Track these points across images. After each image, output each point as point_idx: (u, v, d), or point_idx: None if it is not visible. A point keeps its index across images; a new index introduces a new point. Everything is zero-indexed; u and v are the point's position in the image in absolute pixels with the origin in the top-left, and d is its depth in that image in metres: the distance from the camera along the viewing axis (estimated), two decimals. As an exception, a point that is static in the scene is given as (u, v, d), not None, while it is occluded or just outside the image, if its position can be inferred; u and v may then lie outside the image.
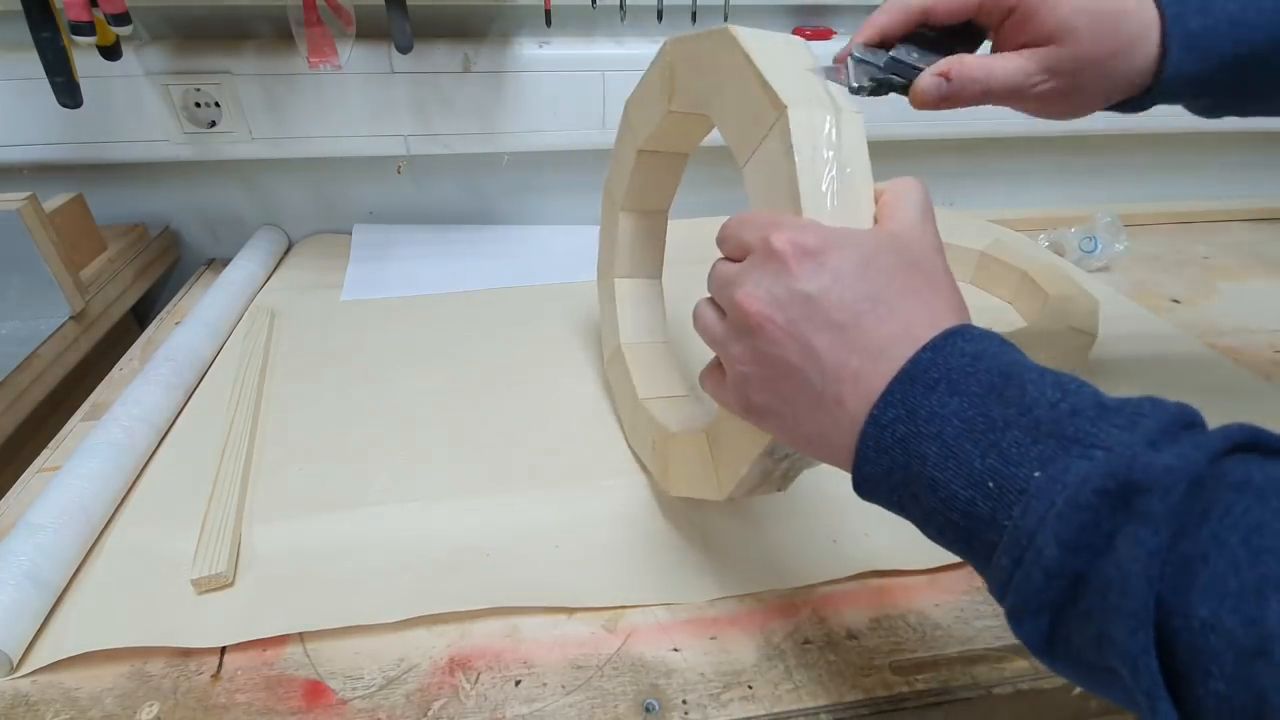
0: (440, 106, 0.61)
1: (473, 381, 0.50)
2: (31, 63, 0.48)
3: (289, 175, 0.67)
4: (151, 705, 0.31)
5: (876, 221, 0.26)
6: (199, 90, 0.58)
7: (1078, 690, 0.32)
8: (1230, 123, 0.40)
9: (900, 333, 0.23)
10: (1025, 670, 0.32)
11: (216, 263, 0.69)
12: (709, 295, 0.28)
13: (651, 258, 0.45)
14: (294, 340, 0.55)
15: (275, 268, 0.66)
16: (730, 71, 0.30)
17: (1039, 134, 0.73)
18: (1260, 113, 0.37)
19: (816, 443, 0.25)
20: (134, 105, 0.57)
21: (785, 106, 0.26)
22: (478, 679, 0.32)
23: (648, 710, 0.30)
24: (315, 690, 0.31)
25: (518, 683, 0.32)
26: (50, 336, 0.50)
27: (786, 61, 0.28)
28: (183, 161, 0.62)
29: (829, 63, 0.33)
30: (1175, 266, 0.71)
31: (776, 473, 0.30)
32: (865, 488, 0.24)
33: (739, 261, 0.26)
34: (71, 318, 0.52)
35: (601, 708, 0.30)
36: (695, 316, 0.29)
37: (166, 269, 0.67)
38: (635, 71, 0.62)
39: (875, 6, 0.35)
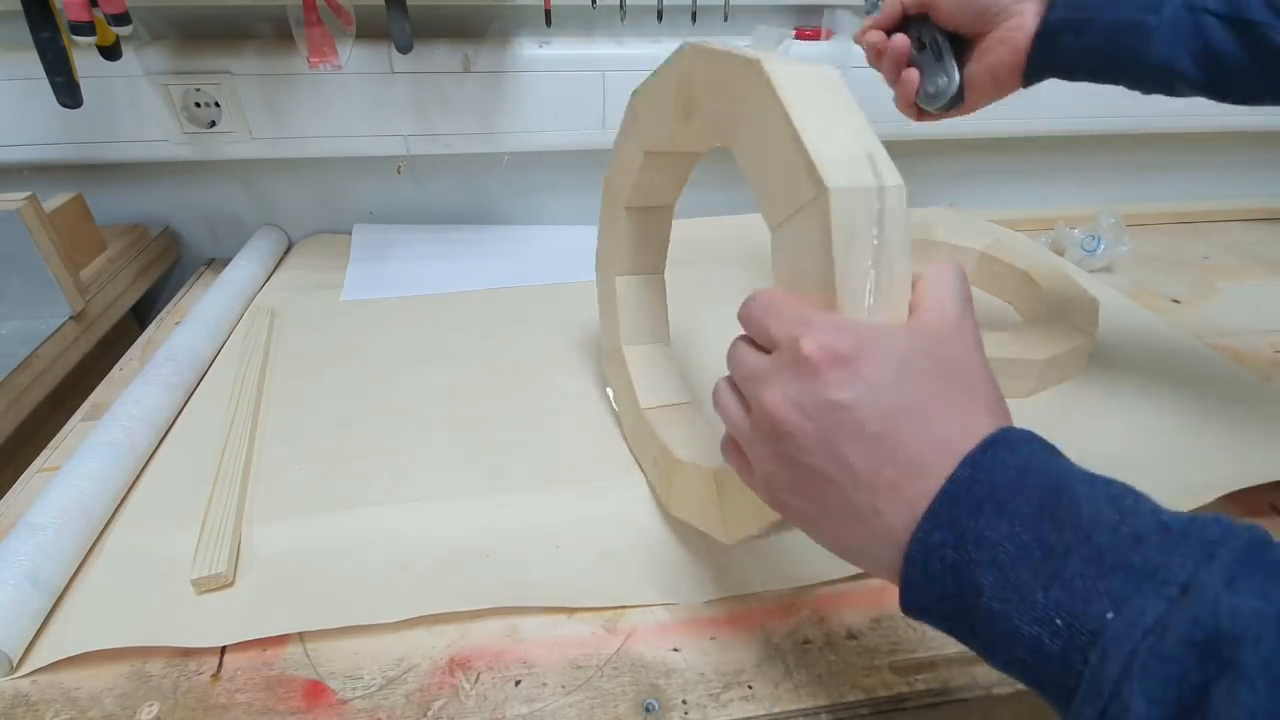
0: (440, 106, 0.61)
1: (473, 381, 0.50)
2: (31, 63, 0.48)
3: (289, 175, 0.67)
4: (151, 705, 0.31)
5: (912, 310, 0.24)
6: (199, 90, 0.58)
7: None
8: (1231, 122, 0.40)
9: (938, 445, 0.22)
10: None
11: (216, 263, 0.69)
12: (728, 377, 0.27)
13: (654, 254, 0.44)
14: (294, 340, 0.55)
15: (275, 268, 0.66)
16: (760, 115, 0.26)
17: (1038, 134, 0.73)
18: (1135, 81, 0.39)
19: (854, 552, 0.24)
20: (134, 105, 0.57)
21: (827, 189, 0.23)
22: (478, 679, 0.32)
23: (648, 710, 0.30)
24: (315, 690, 0.31)
25: (518, 683, 0.32)
26: (50, 336, 0.50)
27: (827, 113, 0.25)
28: (183, 161, 0.62)
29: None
30: (1175, 266, 0.71)
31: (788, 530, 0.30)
32: (915, 612, 0.22)
33: (763, 351, 0.25)
34: (71, 318, 0.52)
35: (601, 708, 0.30)
36: (716, 400, 0.27)
37: (166, 269, 0.67)
38: (635, 71, 0.62)
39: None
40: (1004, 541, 0.20)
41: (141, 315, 0.66)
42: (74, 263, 0.53)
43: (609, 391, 0.46)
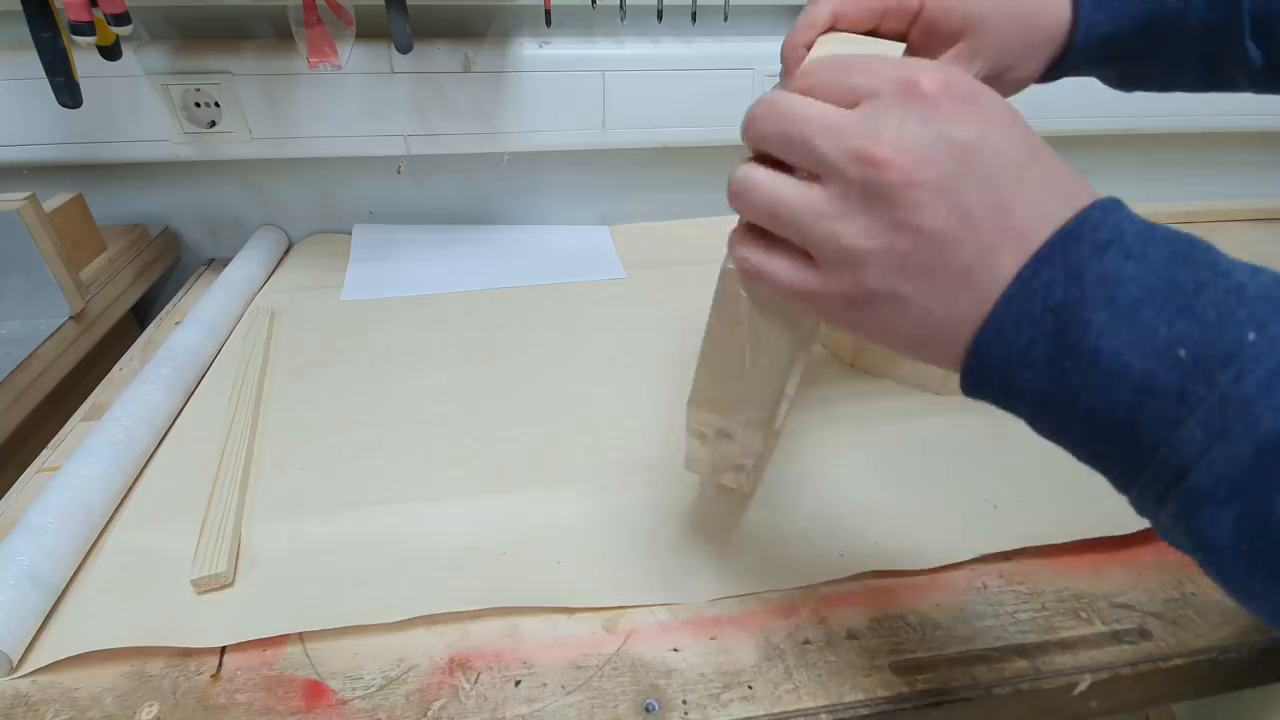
0: (440, 106, 0.61)
1: (473, 382, 0.50)
2: (31, 62, 0.49)
3: (289, 175, 0.67)
4: (151, 705, 0.31)
5: None
6: (199, 90, 0.58)
7: (1078, 691, 0.32)
8: (1231, 121, 0.40)
9: (1062, 190, 0.20)
10: (1025, 670, 0.32)
11: (216, 262, 0.69)
12: (750, 158, 0.23)
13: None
14: (294, 340, 0.55)
15: (275, 268, 0.66)
16: None
17: (1042, 134, 0.73)
18: (1173, 85, 0.37)
19: (932, 332, 0.21)
20: (134, 105, 0.57)
21: None
22: (478, 679, 0.32)
23: (648, 710, 0.30)
24: (315, 690, 0.31)
25: (518, 683, 0.32)
26: (50, 336, 0.50)
27: None
28: (183, 161, 0.62)
29: None
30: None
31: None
32: (983, 369, 0.21)
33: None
34: (71, 318, 0.52)
35: (601, 708, 0.30)
36: (747, 188, 0.22)
37: (166, 269, 0.67)
38: (635, 71, 0.62)
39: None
40: (1128, 282, 0.18)
41: (141, 315, 0.66)
42: (74, 263, 0.53)
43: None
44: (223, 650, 0.33)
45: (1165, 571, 0.37)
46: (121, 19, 0.44)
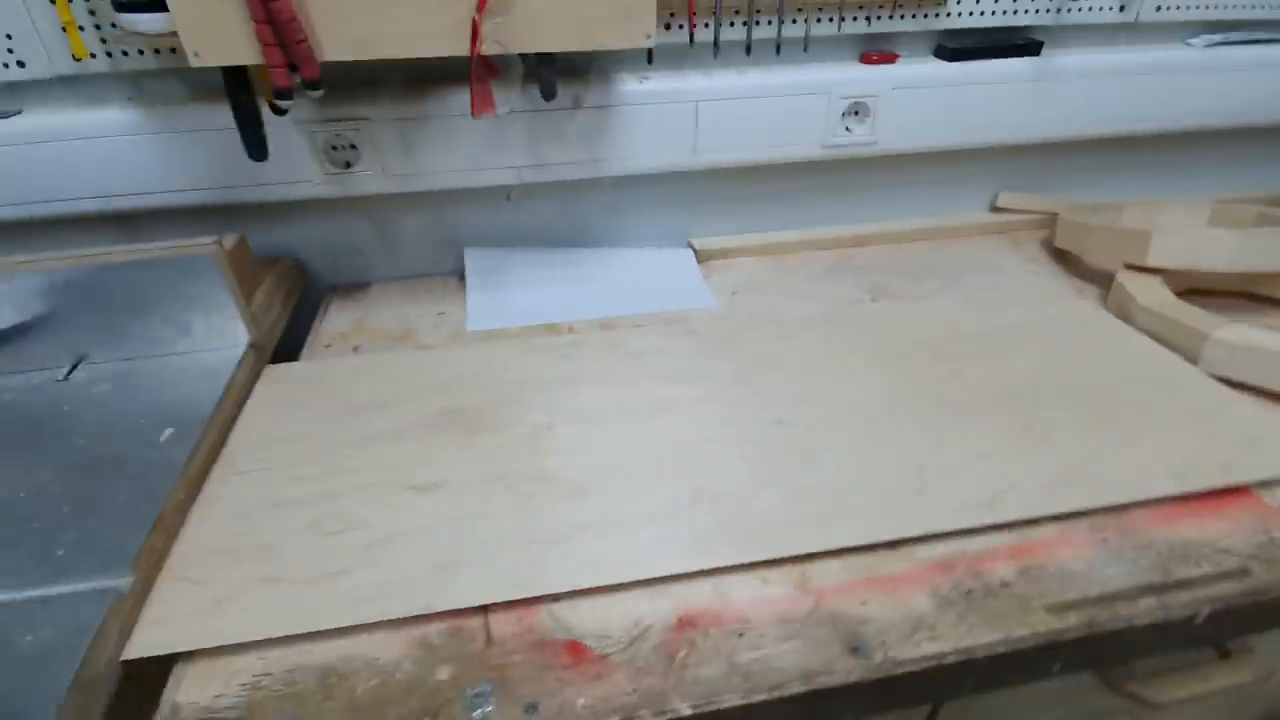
0: (551, 139, 0.68)
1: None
2: (188, 116, 0.54)
3: (408, 208, 0.73)
4: (445, 667, 0.37)
5: None
6: (338, 135, 0.64)
7: (1198, 621, 0.39)
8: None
9: None
10: (1155, 607, 0.39)
11: (340, 289, 0.75)
12: None
13: None
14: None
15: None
16: None
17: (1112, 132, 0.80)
18: None
19: None
20: (284, 151, 0.63)
21: None
22: (707, 633, 0.38)
23: (855, 651, 0.37)
24: (576, 649, 0.37)
25: (740, 635, 0.38)
26: (240, 364, 0.56)
27: None
28: (317, 199, 0.68)
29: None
30: None
31: None
32: None
33: None
34: (251, 345, 0.58)
35: (816, 652, 0.37)
36: None
37: (299, 298, 0.73)
38: (725, 100, 0.69)
39: (937, 30, 0.41)
40: None
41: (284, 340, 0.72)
42: (246, 296, 0.59)
43: None
44: (486, 620, 0.39)
45: (1255, 520, 0.44)
46: (315, 84, 0.49)
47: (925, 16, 0.71)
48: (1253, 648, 0.50)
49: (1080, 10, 0.75)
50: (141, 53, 0.59)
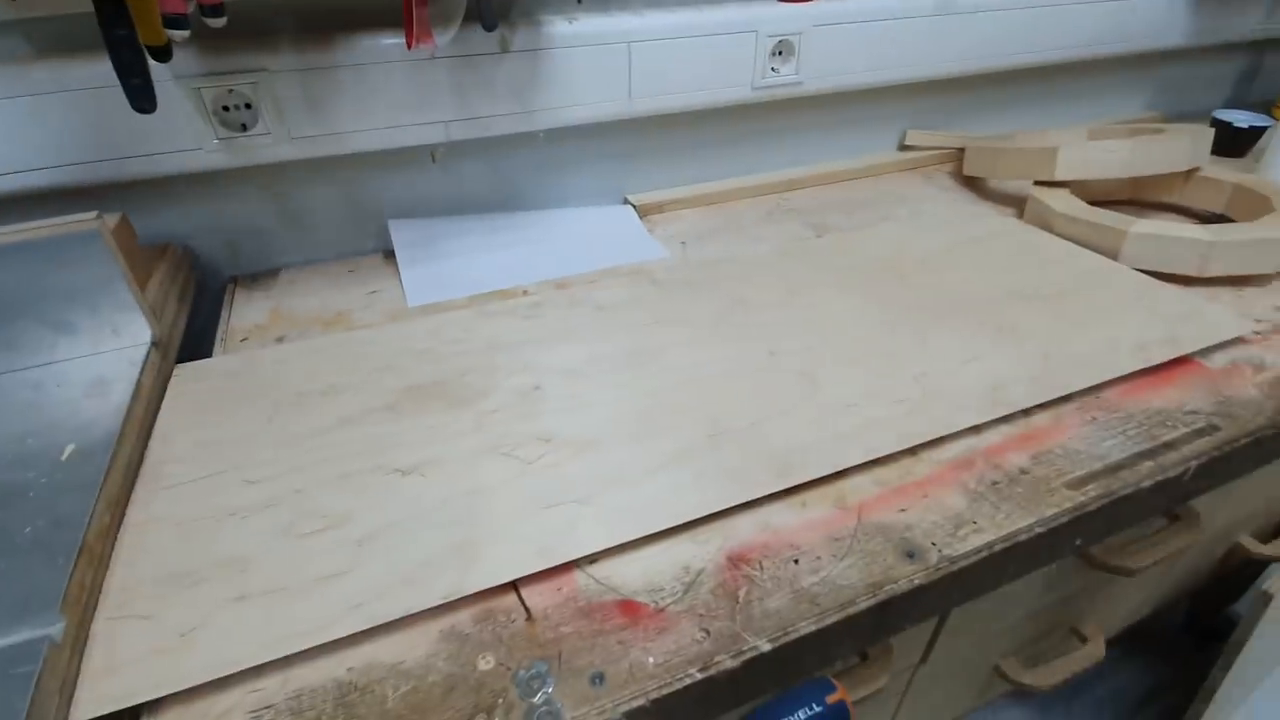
0: (480, 89, 0.62)
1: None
2: (32, 78, 0.44)
3: (318, 176, 0.64)
4: (486, 656, 0.32)
5: None
6: (231, 92, 0.55)
7: (1188, 476, 0.42)
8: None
9: None
10: (1153, 469, 0.42)
11: (243, 279, 0.65)
12: None
13: None
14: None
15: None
16: None
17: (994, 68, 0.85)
18: None
19: None
20: (164, 114, 0.53)
21: None
22: (761, 566, 0.36)
23: (910, 556, 0.36)
24: (629, 607, 0.34)
25: (796, 561, 0.36)
26: (144, 366, 0.47)
27: None
28: (205, 172, 0.58)
29: None
30: None
31: None
32: None
33: None
34: (154, 344, 0.49)
35: (874, 563, 0.36)
36: None
37: (196, 291, 0.62)
38: (659, 40, 0.66)
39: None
40: None
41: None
42: (141, 285, 0.49)
43: None
44: (518, 593, 0.35)
45: (1205, 382, 0.48)
46: (218, 9, 0.41)
47: (836, -48, 0.72)
48: (1196, 510, 0.55)
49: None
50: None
